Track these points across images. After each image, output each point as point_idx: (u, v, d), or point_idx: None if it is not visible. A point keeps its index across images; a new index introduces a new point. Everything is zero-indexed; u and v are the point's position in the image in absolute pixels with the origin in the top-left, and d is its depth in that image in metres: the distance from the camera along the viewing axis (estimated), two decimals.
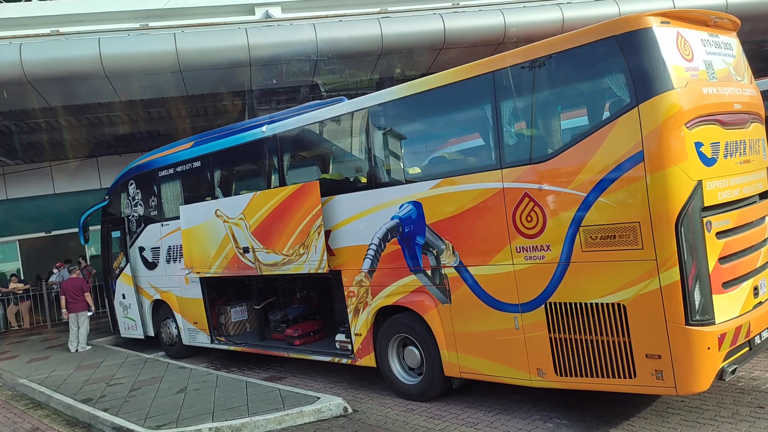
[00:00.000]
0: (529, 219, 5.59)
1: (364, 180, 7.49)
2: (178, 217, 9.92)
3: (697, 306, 4.81)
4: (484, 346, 6.13)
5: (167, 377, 8.91)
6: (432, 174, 6.67)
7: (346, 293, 7.54)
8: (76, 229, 13.29)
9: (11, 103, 11.95)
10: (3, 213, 17.90)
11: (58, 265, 17.05)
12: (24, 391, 9.49)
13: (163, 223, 10.60)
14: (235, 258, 8.78)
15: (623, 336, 5.12)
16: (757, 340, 5.33)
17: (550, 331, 5.55)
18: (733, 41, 5.77)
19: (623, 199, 4.99)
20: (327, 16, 14.82)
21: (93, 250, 18.85)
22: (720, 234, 5.05)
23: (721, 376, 4.91)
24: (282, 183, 8.31)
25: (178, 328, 10.66)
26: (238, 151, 9.15)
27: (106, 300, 13.43)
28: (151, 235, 10.96)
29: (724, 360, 4.93)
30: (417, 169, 7.08)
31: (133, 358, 10.71)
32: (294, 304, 9.61)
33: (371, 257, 7.11)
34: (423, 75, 9.23)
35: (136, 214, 11.38)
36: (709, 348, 4.81)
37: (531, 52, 5.63)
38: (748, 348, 5.23)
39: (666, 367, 4.90)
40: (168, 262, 10.55)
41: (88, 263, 17.86)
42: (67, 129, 15.05)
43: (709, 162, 4.99)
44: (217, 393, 7.67)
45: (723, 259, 5.06)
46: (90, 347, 12.14)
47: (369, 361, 7.40)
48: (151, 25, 16.23)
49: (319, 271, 7.60)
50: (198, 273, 9.66)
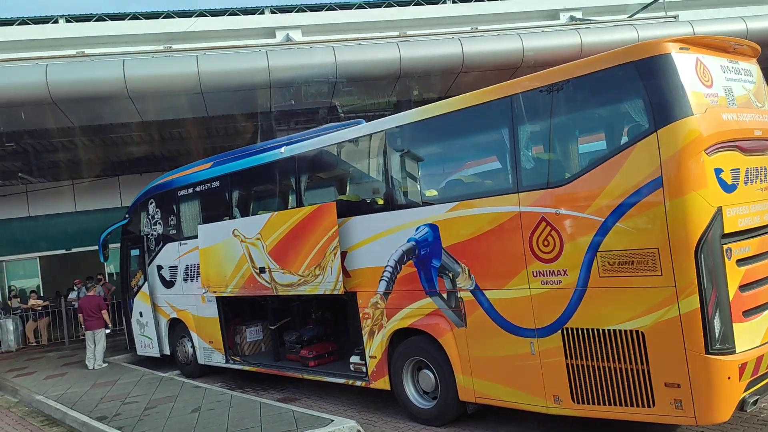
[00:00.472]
0: (546, 243, 5.56)
1: (380, 202, 7.52)
2: (196, 236, 10.01)
3: (717, 334, 4.74)
4: (499, 371, 6.07)
5: (182, 396, 8.91)
6: (449, 197, 6.68)
7: (361, 315, 7.53)
8: (96, 247, 13.45)
9: (35, 122, 12.17)
10: (25, 230, 18.17)
11: (77, 282, 17.23)
12: (40, 408, 9.54)
13: (182, 242, 10.70)
14: (252, 278, 8.82)
15: (642, 364, 5.05)
16: None
17: (567, 357, 5.48)
18: (753, 68, 5.74)
19: (642, 225, 4.96)
20: (346, 40, 15.03)
21: (111, 267, 19.04)
22: (740, 261, 4.98)
23: (742, 406, 4.81)
24: (299, 204, 8.36)
25: (193, 347, 10.69)
26: (256, 171, 9.24)
27: (123, 317, 13.52)
28: (169, 254, 11.06)
29: (745, 390, 4.83)
30: (434, 192, 7.09)
31: (148, 376, 10.74)
32: (309, 325, 9.59)
33: (387, 279, 7.11)
34: (440, 98, 9.31)
35: (155, 233, 11.50)
36: (729, 378, 4.72)
37: (550, 76, 5.65)
38: None
39: (685, 397, 4.81)
40: (185, 280, 10.63)
41: (107, 281, 18.03)
42: (89, 148, 15.29)
43: (729, 188, 4.94)
44: (231, 413, 7.64)
45: (744, 287, 4.98)
46: (106, 364, 12.20)
47: (383, 383, 7.36)
48: (174, 47, 16.59)
49: (335, 292, 7.60)
50: (214, 292, 9.70)
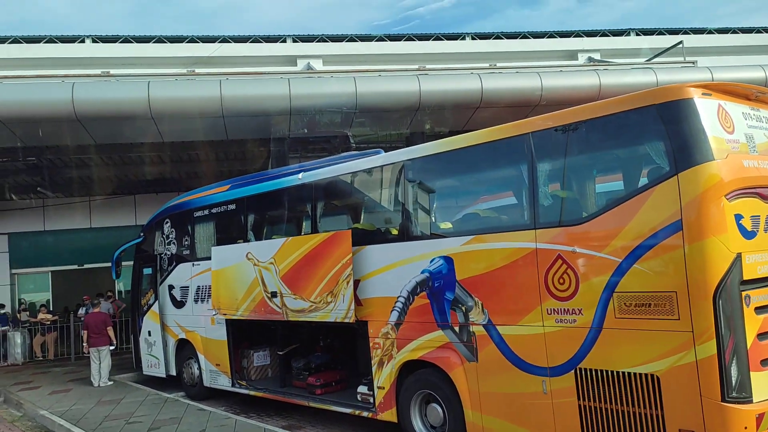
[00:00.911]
0: (561, 281, 5.54)
1: (395, 232, 7.54)
2: (209, 258, 10.04)
3: (734, 382, 4.67)
4: (509, 409, 5.99)
5: (186, 419, 8.86)
6: (465, 230, 6.69)
7: (371, 344, 7.49)
8: (108, 264, 13.53)
9: (54, 138, 12.39)
10: (39, 244, 18.34)
11: (86, 298, 17.29)
12: (44, 423, 9.51)
13: (194, 262, 10.75)
14: (263, 302, 8.82)
15: (656, 408, 4.97)
16: None
17: (579, 398, 5.41)
18: None
19: (660, 268, 4.93)
20: (367, 71, 15.26)
21: (121, 285, 19.12)
22: (759, 309, 4.92)
23: None
24: (314, 230, 8.40)
25: (200, 368, 10.65)
26: (273, 196, 9.32)
27: (131, 336, 13.52)
28: (181, 274, 11.10)
29: None
30: (449, 225, 7.11)
31: (153, 396, 10.70)
32: (317, 352, 9.55)
33: (399, 310, 7.09)
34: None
35: (168, 253, 11.56)
36: (746, 428, 4.63)
37: (571, 115, 5.70)
38: None
39: None
40: (196, 301, 10.64)
41: (116, 298, 18.08)
42: (106, 166, 15.51)
43: (749, 235, 4.92)
44: None
45: (762, 335, 4.91)
46: (111, 382, 12.17)
47: (390, 415, 7.28)
48: (197, 71, 16.90)
49: (346, 320, 7.58)
50: (224, 314, 9.70)
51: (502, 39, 26.33)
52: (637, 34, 27.53)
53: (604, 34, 27.35)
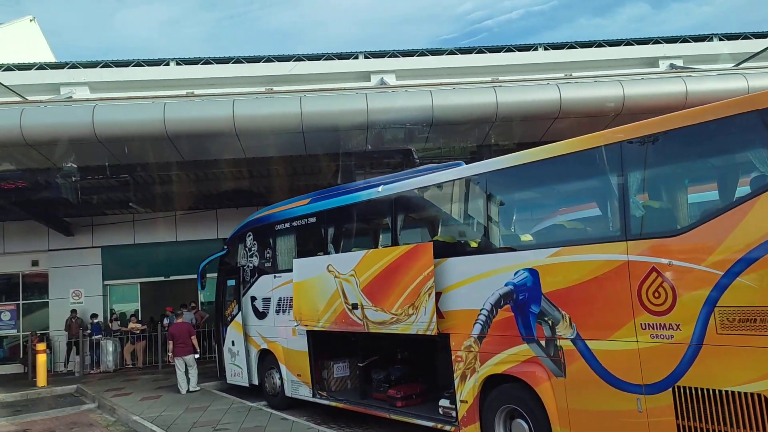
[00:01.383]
0: (656, 295, 5.34)
1: (474, 244, 7.49)
2: (290, 270, 10.28)
3: None
4: (601, 427, 5.80)
5: (270, 427, 9.06)
6: (550, 242, 6.57)
7: (453, 358, 7.44)
8: (192, 275, 14.08)
9: (148, 155, 13.05)
10: (129, 257, 19.29)
11: (169, 309, 18.03)
12: (136, 428, 9.96)
13: (276, 274, 11.03)
14: (344, 313, 8.94)
15: (763, 430, 4.70)
16: None
17: (678, 418, 5.18)
18: None
19: (766, 281, 4.68)
20: (440, 84, 15.26)
21: (203, 296, 19.81)
22: None
23: None
24: (394, 242, 8.45)
25: (281, 378, 10.88)
26: (353, 209, 9.45)
27: (215, 345, 13.99)
28: (263, 286, 11.42)
29: None
30: (534, 236, 7.00)
31: (237, 404, 11.01)
32: (397, 364, 9.56)
33: (482, 323, 7.02)
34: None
35: (250, 265, 11.92)
36: None
37: (663, 123, 5.51)
38: None
39: None
40: (277, 313, 10.90)
41: (199, 308, 18.76)
42: (190, 182, 16.17)
43: None
44: None
45: None
46: (199, 389, 12.61)
47: (474, 430, 7.19)
48: (275, 89, 17.42)
49: (428, 333, 7.57)
50: (306, 326, 9.88)
51: (576, 48, 25.71)
52: (720, 39, 26.29)
53: (684, 39, 26.26)
